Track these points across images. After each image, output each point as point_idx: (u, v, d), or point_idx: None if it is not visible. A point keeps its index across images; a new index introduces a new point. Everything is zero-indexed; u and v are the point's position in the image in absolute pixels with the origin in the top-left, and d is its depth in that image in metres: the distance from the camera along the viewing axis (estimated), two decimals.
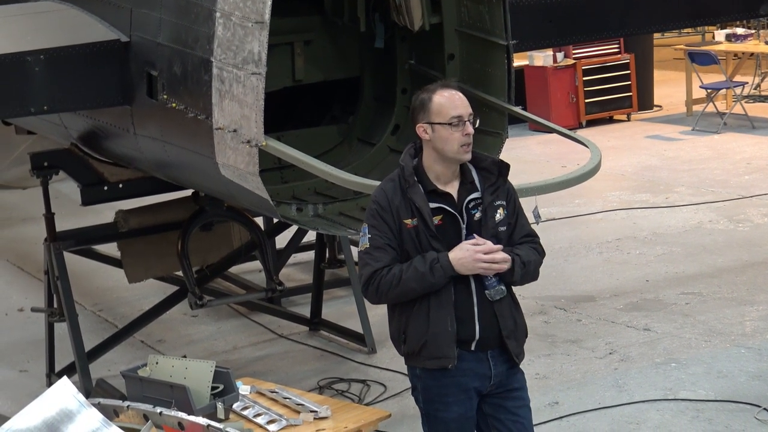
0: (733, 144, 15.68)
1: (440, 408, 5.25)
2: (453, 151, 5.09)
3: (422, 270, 5.02)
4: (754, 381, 7.89)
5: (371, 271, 5.08)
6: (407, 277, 5.02)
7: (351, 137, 7.95)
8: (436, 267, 5.01)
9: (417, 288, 5.06)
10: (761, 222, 11.78)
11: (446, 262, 5.01)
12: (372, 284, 5.10)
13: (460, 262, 5.02)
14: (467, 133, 5.07)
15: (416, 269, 5.02)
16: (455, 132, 5.06)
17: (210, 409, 5.20)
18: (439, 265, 5.01)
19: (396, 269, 5.05)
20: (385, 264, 5.07)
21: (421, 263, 5.03)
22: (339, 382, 8.44)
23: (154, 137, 7.04)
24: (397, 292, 5.08)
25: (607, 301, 9.78)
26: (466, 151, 5.10)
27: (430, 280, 5.03)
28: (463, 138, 5.06)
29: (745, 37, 17.85)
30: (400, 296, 5.12)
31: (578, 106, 17.45)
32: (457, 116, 5.06)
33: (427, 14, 7.30)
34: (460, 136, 5.06)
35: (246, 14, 5.97)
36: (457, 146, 5.08)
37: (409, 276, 5.02)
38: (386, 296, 5.14)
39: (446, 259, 5.02)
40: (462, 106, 5.10)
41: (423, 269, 5.01)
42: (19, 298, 10.95)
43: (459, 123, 5.06)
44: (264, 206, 6.56)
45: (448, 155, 5.11)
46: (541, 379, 8.18)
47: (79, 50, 6.96)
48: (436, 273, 5.02)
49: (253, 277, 10.59)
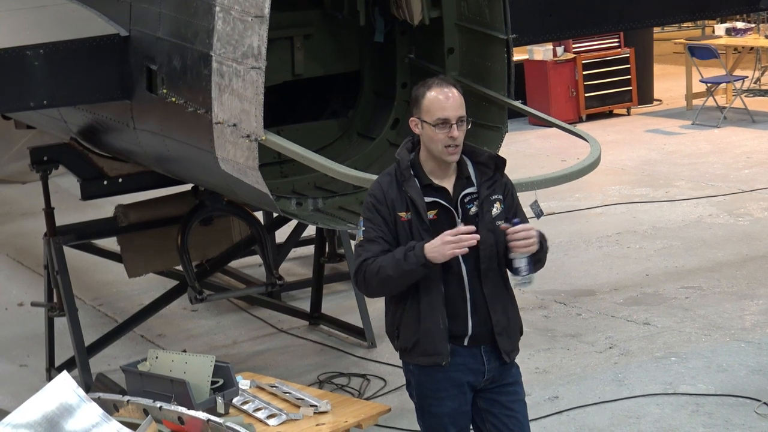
0: (733, 138, 15.68)
1: (434, 403, 5.25)
2: (437, 150, 5.07)
3: (398, 257, 4.99)
4: (754, 375, 7.90)
5: (360, 261, 5.09)
6: (384, 264, 5.01)
7: (350, 131, 7.94)
8: (409, 254, 4.97)
9: (393, 275, 5.01)
10: (761, 216, 11.78)
11: (420, 249, 4.96)
12: (359, 274, 5.10)
13: (431, 247, 4.96)
14: (452, 136, 5.02)
15: (393, 256, 5.01)
16: (440, 133, 5.03)
17: (210, 403, 5.20)
18: (413, 253, 4.97)
19: (380, 258, 5.03)
20: (374, 254, 5.06)
21: (399, 251, 5.01)
22: (339, 376, 8.45)
23: (153, 132, 7.04)
24: (377, 280, 5.05)
25: (607, 295, 9.78)
26: (450, 153, 5.06)
27: (403, 267, 4.98)
28: (447, 140, 5.03)
29: (745, 31, 17.85)
30: (382, 285, 5.10)
31: (578, 100, 17.44)
32: (443, 119, 5.02)
33: (426, 8, 7.30)
34: (444, 138, 5.03)
35: (245, 8, 5.96)
36: (441, 147, 5.05)
37: (386, 263, 5.00)
38: (371, 286, 5.11)
39: (420, 246, 4.98)
40: (451, 108, 5.04)
41: (399, 256, 4.99)
42: (19, 293, 10.95)
43: (445, 125, 5.03)
44: (264, 200, 6.56)
45: (434, 153, 5.10)
46: (541, 374, 8.18)
47: (78, 44, 6.95)
48: (409, 259, 4.96)
49: (253, 272, 10.59)
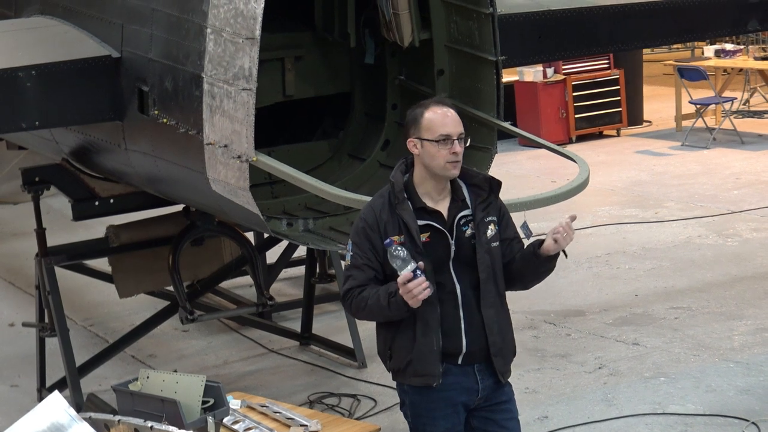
0: (722, 159, 15.73)
1: (428, 423, 5.26)
2: (439, 167, 5.12)
3: (383, 303, 5.03)
4: (743, 395, 7.92)
5: (346, 289, 5.17)
6: (371, 304, 5.07)
7: (341, 152, 7.97)
8: (392, 301, 5.01)
9: (379, 316, 5.16)
10: (750, 237, 11.82)
11: (401, 297, 4.98)
12: (346, 301, 5.19)
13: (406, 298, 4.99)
14: (454, 152, 5.09)
15: (378, 299, 5.05)
16: (442, 149, 5.09)
17: (201, 423, 5.21)
18: (395, 299, 5.00)
19: (366, 292, 5.09)
20: (360, 283, 5.12)
21: (384, 294, 5.03)
22: (329, 396, 8.45)
23: (145, 152, 7.06)
24: (364, 314, 5.20)
25: (596, 315, 9.81)
26: (453, 167, 5.12)
27: (387, 313, 5.08)
28: (449, 156, 5.09)
29: (734, 52, 17.94)
30: (368, 318, 5.30)
31: (568, 121, 17.50)
32: (445, 134, 5.09)
33: (416, 30, 7.34)
34: (446, 154, 5.09)
35: (237, 30, 6.00)
36: (444, 162, 5.10)
37: (373, 304, 5.07)
38: (357, 315, 5.28)
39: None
40: (452, 125, 5.11)
41: (383, 302, 5.03)
42: (10, 313, 10.95)
43: (447, 141, 5.09)
44: (254, 221, 6.58)
45: (435, 171, 5.14)
46: (530, 393, 8.20)
47: (70, 66, 6.97)
48: (392, 307, 5.02)
49: (244, 292, 10.60)
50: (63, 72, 6.98)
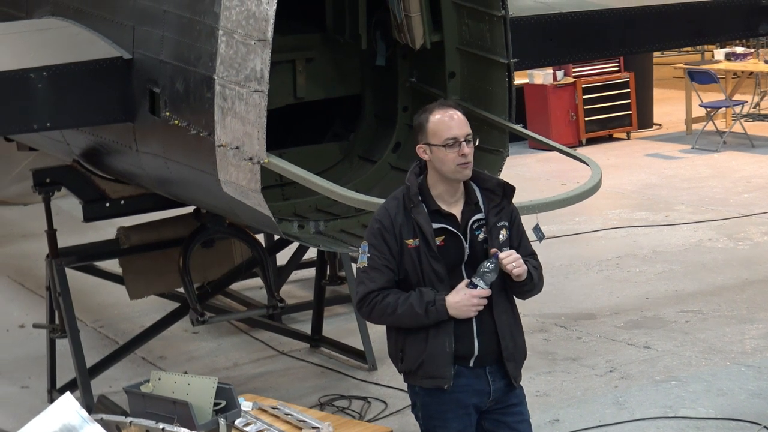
0: (732, 162, 15.71)
1: (439, 425, 5.26)
2: (450, 170, 5.11)
3: (418, 311, 5.05)
4: (754, 399, 7.90)
5: (366, 291, 5.14)
6: (402, 312, 5.07)
7: (352, 154, 7.97)
8: (431, 310, 5.05)
9: (411, 324, 5.13)
10: (761, 240, 11.80)
11: (442, 306, 5.05)
12: (366, 305, 5.16)
13: (455, 306, 5.06)
14: (463, 154, 5.08)
15: (412, 307, 5.06)
16: (450, 153, 5.08)
17: (212, 425, 5.21)
18: (435, 308, 5.05)
19: (392, 298, 5.09)
20: (380, 286, 5.11)
21: (418, 302, 5.05)
22: (340, 399, 8.45)
23: (156, 154, 7.06)
24: (390, 320, 5.18)
25: (607, 318, 9.80)
26: (464, 168, 5.11)
27: (424, 321, 5.08)
28: (458, 158, 5.08)
29: (744, 56, 17.91)
30: (393, 325, 5.23)
31: (578, 124, 17.48)
32: (452, 138, 5.08)
33: (428, 32, 7.33)
34: (455, 156, 5.08)
35: (248, 32, 6.00)
36: (454, 166, 5.10)
37: (405, 312, 5.07)
38: (378, 321, 5.25)
39: (442, 303, 5.06)
40: (458, 127, 5.10)
41: (419, 310, 5.05)
42: (21, 315, 10.96)
43: (455, 144, 5.08)
44: (266, 223, 6.58)
45: (447, 174, 5.13)
46: (541, 397, 8.18)
47: (81, 67, 6.97)
48: (430, 315, 5.06)
49: (254, 294, 10.60)
50: (74, 73, 6.98)
